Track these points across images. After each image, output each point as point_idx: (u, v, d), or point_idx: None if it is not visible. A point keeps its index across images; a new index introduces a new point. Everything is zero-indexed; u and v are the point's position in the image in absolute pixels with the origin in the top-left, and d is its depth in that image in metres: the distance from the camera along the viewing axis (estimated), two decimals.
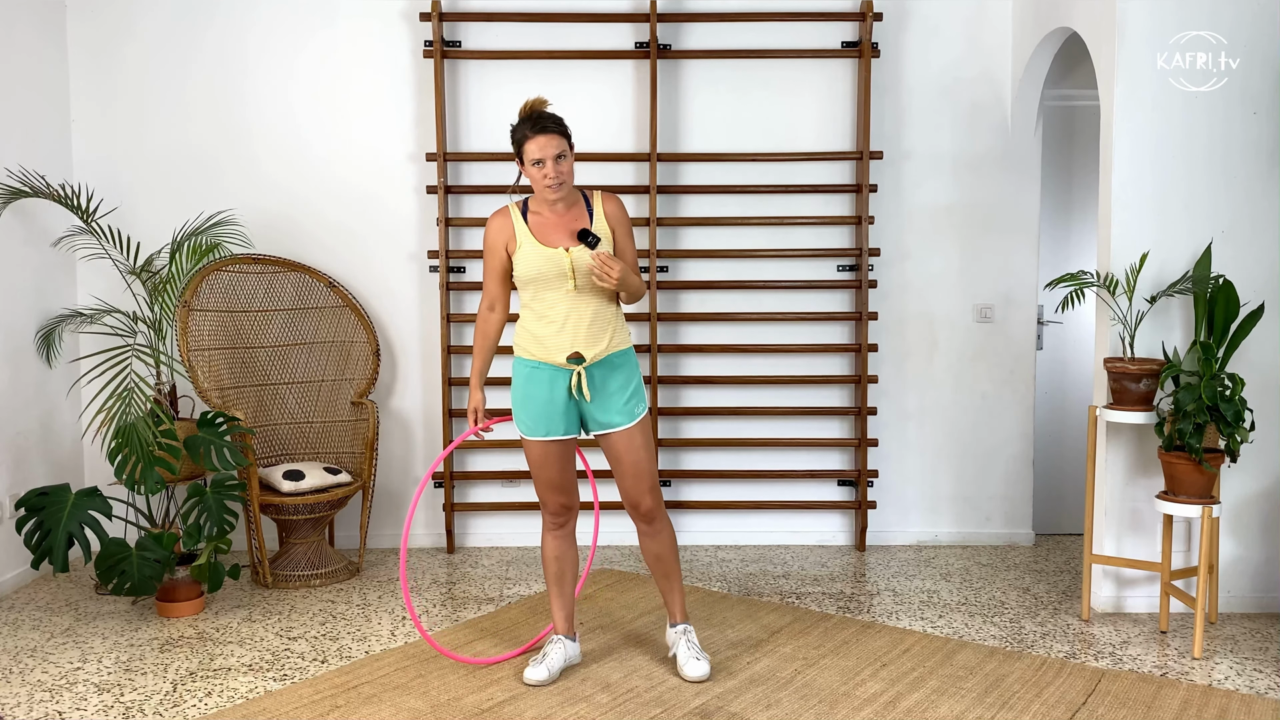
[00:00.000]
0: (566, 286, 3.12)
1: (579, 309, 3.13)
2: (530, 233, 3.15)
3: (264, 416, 4.58)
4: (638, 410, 3.21)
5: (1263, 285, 3.88)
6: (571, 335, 3.13)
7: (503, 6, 4.75)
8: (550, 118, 3.11)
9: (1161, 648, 3.66)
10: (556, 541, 3.34)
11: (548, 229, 3.15)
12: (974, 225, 4.87)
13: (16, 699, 3.24)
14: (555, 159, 3.07)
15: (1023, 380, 4.93)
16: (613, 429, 3.19)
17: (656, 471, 3.29)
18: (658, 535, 3.30)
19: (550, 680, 3.27)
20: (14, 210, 4.25)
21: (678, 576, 3.37)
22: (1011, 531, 4.98)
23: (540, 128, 3.07)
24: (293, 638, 3.76)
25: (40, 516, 3.81)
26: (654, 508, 3.27)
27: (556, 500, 3.28)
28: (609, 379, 3.18)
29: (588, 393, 3.14)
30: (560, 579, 3.36)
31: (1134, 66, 3.84)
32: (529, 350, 3.20)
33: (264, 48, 4.76)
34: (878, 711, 3.11)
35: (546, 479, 3.26)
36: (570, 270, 3.10)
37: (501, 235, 3.21)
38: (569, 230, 3.14)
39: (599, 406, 3.18)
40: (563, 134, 3.09)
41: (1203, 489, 3.62)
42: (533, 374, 3.19)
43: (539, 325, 3.16)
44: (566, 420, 3.20)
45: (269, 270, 4.67)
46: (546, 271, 3.12)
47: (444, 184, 4.69)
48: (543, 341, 3.16)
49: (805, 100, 4.83)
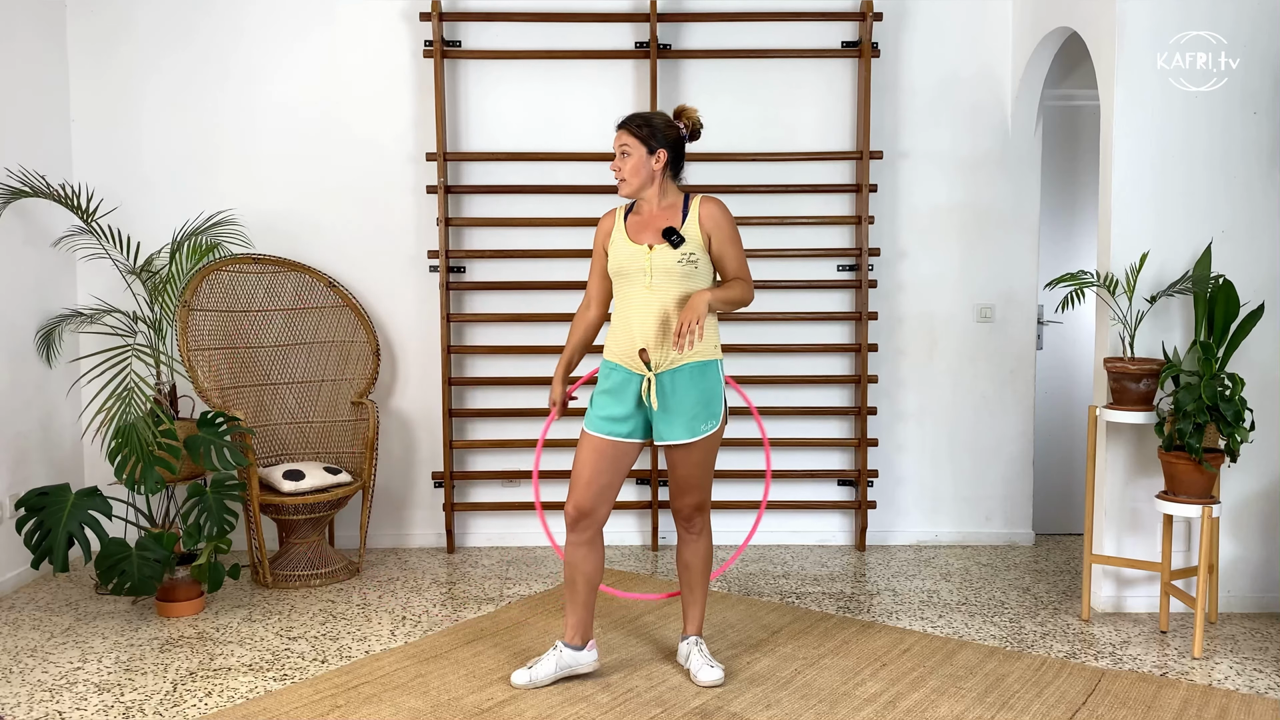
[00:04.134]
0: (644, 283, 3.12)
1: (651, 308, 3.12)
2: (624, 229, 3.20)
3: (264, 416, 4.58)
4: (703, 428, 3.15)
5: (1263, 285, 3.88)
6: (641, 333, 3.12)
7: (503, 6, 4.75)
8: (632, 115, 3.19)
9: (1161, 648, 3.66)
10: (572, 549, 3.23)
11: (640, 226, 3.19)
12: (974, 225, 4.87)
13: (16, 699, 3.24)
14: (620, 153, 3.15)
15: (1023, 380, 4.93)
16: (671, 442, 3.16)
17: (709, 487, 3.25)
18: (695, 543, 3.29)
19: (531, 686, 3.23)
20: (14, 210, 4.25)
21: (702, 590, 3.35)
22: (1011, 531, 4.98)
23: (619, 122, 3.19)
24: (293, 638, 3.76)
25: (40, 516, 3.81)
26: (694, 518, 3.26)
27: (577, 500, 3.18)
28: (681, 390, 3.13)
29: (654, 401, 3.11)
30: (572, 584, 3.25)
31: (1134, 66, 3.85)
32: (611, 350, 3.22)
33: (264, 48, 4.76)
34: (878, 711, 3.11)
35: (578, 473, 3.19)
36: (648, 267, 3.11)
37: (602, 232, 3.27)
38: (657, 229, 3.15)
39: (663, 417, 3.14)
40: (631, 131, 3.14)
41: (1203, 489, 3.62)
42: (610, 374, 3.21)
43: (618, 320, 3.19)
44: (631, 424, 3.17)
45: (269, 270, 4.67)
46: (627, 266, 3.14)
47: (444, 184, 4.69)
48: (619, 338, 3.18)
49: (805, 100, 4.83)
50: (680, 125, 3.19)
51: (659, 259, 3.11)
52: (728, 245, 3.18)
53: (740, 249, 3.21)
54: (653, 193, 3.18)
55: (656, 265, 3.10)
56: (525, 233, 4.81)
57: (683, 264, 3.10)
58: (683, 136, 3.19)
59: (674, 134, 3.17)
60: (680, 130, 3.19)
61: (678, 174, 3.23)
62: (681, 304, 3.12)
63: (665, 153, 3.14)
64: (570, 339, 3.36)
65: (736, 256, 3.19)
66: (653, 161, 3.14)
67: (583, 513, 3.18)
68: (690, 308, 3.03)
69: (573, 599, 3.27)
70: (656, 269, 3.10)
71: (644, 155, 3.13)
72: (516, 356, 4.82)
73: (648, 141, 3.13)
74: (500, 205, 4.82)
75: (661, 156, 3.14)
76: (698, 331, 3.01)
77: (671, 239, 3.11)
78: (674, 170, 3.20)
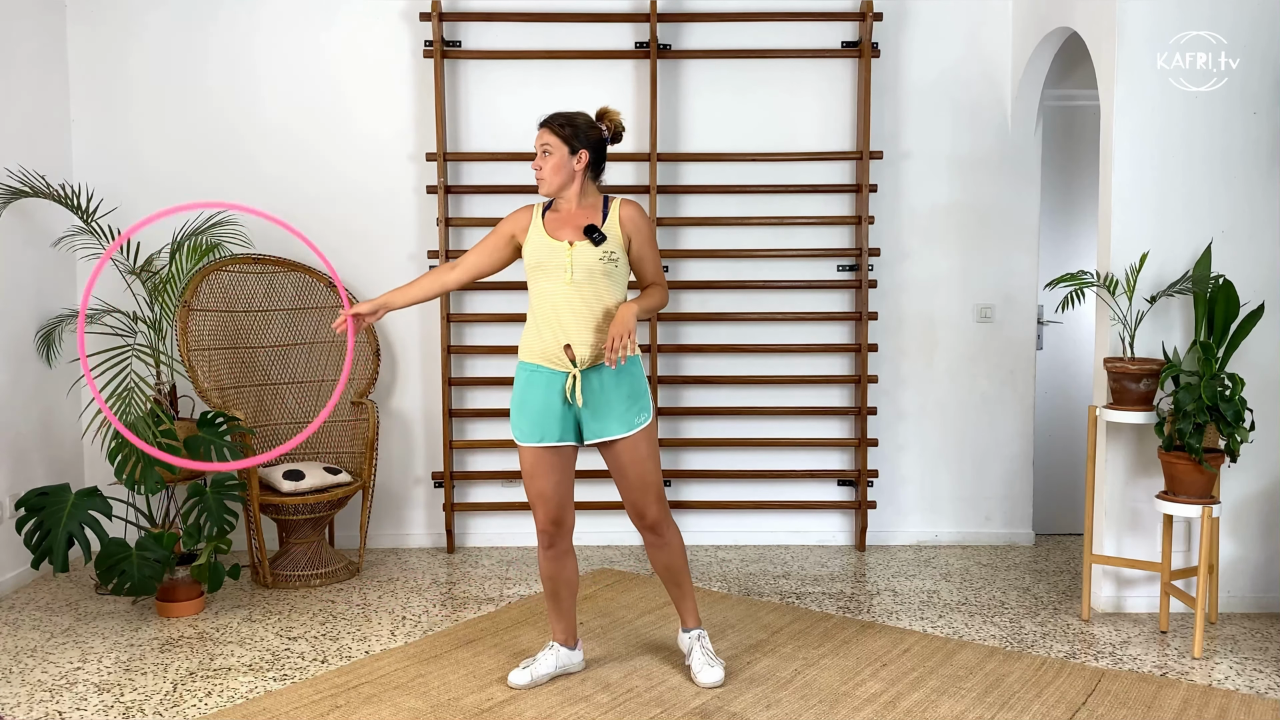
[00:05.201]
0: (564, 279, 3.12)
1: (573, 303, 3.12)
2: (543, 225, 3.20)
3: (264, 416, 4.58)
4: (638, 420, 3.16)
5: (1263, 285, 3.88)
6: (565, 328, 3.13)
7: (503, 6, 4.75)
8: (555, 114, 3.19)
9: (1161, 648, 3.66)
10: (548, 562, 3.25)
11: (559, 223, 3.19)
12: (974, 225, 4.87)
13: (16, 699, 3.24)
14: (541, 152, 3.15)
15: (1023, 380, 4.93)
16: (609, 438, 3.16)
17: (661, 481, 3.25)
18: (666, 546, 3.27)
19: (533, 685, 3.25)
20: (14, 210, 4.25)
21: (689, 583, 3.34)
22: (1011, 531, 4.98)
23: (541, 121, 3.19)
24: (293, 638, 3.76)
25: (40, 516, 3.81)
26: (660, 518, 3.24)
27: (545, 514, 3.20)
28: (608, 386, 3.15)
29: (579, 398, 3.12)
30: (555, 597, 3.29)
31: (1134, 66, 3.84)
32: (529, 351, 3.21)
33: (264, 47, 4.76)
34: (878, 711, 3.11)
35: (537, 490, 3.19)
36: (569, 263, 3.11)
37: (515, 223, 3.26)
38: (577, 226, 3.16)
39: (594, 414, 3.15)
40: (554, 130, 3.14)
41: (1203, 489, 3.62)
42: (531, 378, 3.19)
43: (536, 318, 3.18)
44: (561, 427, 3.16)
45: (269, 270, 4.67)
46: (547, 262, 3.14)
47: (444, 184, 4.69)
48: (540, 334, 3.16)
49: (805, 100, 4.83)
50: (603, 126, 3.20)
51: (580, 255, 3.12)
52: (646, 248, 3.22)
53: (658, 252, 3.26)
54: (573, 192, 3.18)
55: (578, 261, 3.11)
56: None
57: (604, 261, 3.12)
58: (605, 138, 3.21)
59: (596, 135, 3.18)
60: (603, 131, 3.20)
61: (598, 175, 3.24)
62: (607, 299, 3.14)
63: (587, 153, 3.16)
64: (416, 283, 3.30)
65: (653, 259, 3.25)
66: (574, 161, 3.15)
67: (556, 525, 3.22)
68: (620, 322, 3.05)
69: (557, 607, 3.31)
70: (578, 265, 3.11)
71: (565, 155, 3.14)
72: (516, 357, 4.81)
73: (570, 141, 3.14)
74: (500, 205, 4.81)
75: (583, 157, 3.16)
76: (629, 345, 3.05)
77: (593, 236, 3.12)
78: (595, 171, 3.22)
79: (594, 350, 3.14)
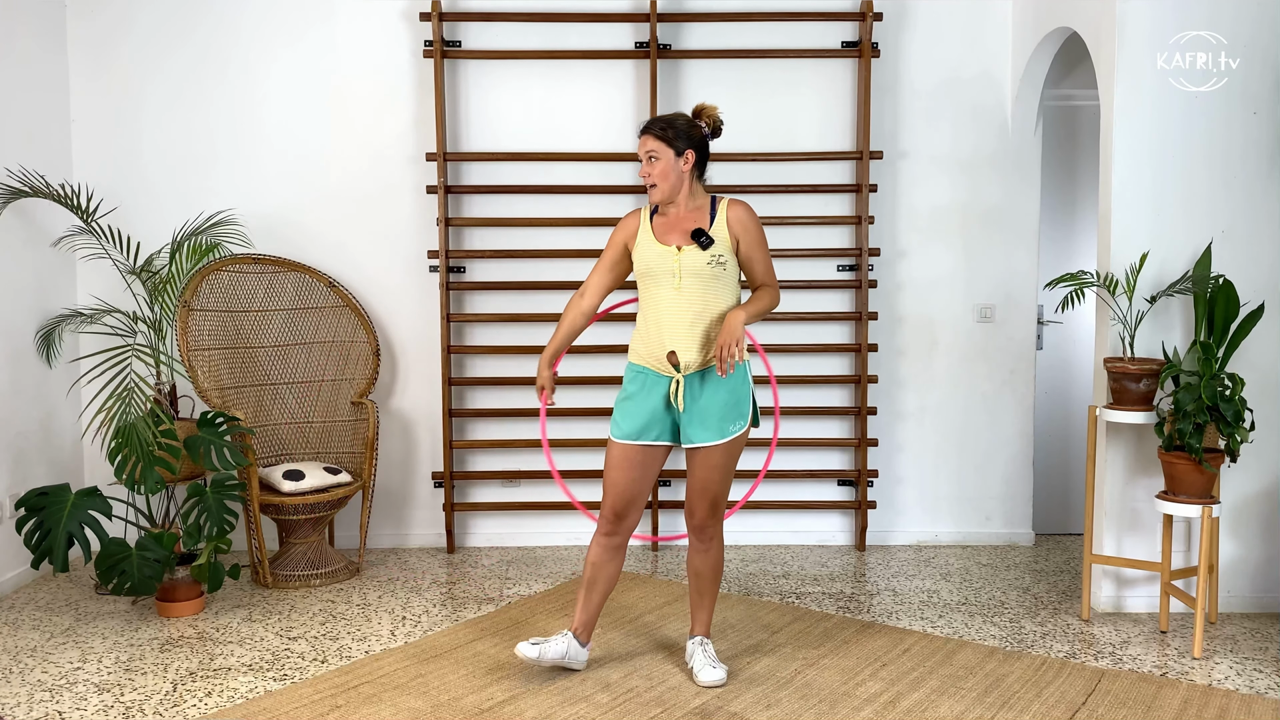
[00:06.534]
0: (672, 284, 3.12)
1: (680, 308, 3.11)
2: (651, 230, 3.19)
3: (264, 416, 4.58)
4: (731, 429, 3.14)
5: (1263, 285, 3.88)
6: (670, 334, 3.12)
7: (503, 6, 4.75)
8: (654, 119, 3.19)
9: (1161, 647, 3.66)
10: (599, 549, 3.25)
11: (667, 227, 3.18)
12: (974, 225, 4.87)
13: (16, 699, 3.24)
14: (647, 158, 3.15)
15: (1023, 380, 4.93)
16: (698, 444, 3.15)
17: (726, 492, 3.23)
18: (705, 553, 3.27)
19: (537, 662, 3.24)
20: (14, 210, 4.25)
21: (712, 596, 3.35)
22: (1011, 531, 4.98)
23: (642, 128, 3.18)
24: (293, 638, 3.76)
25: (40, 516, 3.81)
26: (707, 524, 3.24)
27: (612, 505, 3.20)
28: (709, 391, 3.13)
29: (681, 402, 3.11)
30: (591, 585, 3.27)
31: (1134, 66, 3.85)
32: (637, 353, 3.22)
33: (264, 48, 4.76)
34: (878, 711, 3.11)
35: (611, 480, 3.20)
36: (677, 268, 3.10)
37: (625, 231, 3.26)
38: (685, 231, 3.15)
39: (691, 419, 3.14)
40: (656, 135, 3.13)
41: (1203, 489, 3.62)
42: (636, 378, 3.20)
43: (645, 321, 3.18)
44: (658, 428, 3.17)
45: (269, 270, 4.67)
46: (655, 267, 3.14)
47: (444, 184, 4.69)
48: (647, 338, 3.17)
49: (805, 100, 4.84)
50: (702, 124, 3.19)
51: (688, 260, 3.11)
52: (756, 249, 3.18)
53: (767, 252, 3.22)
54: (682, 195, 3.17)
55: (685, 266, 3.10)
56: (525, 233, 4.81)
57: (711, 265, 3.11)
58: (706, 136, 3.19)
59: (698, 133, 3.17)
60: (703, 129, 3.18)
61: (703, 174, 3.22)
62: (716, 305, 3.13)
63: (693, 153, 3.14)
64: (561, 325, 3.35)
65: (764, 260, 3.20)
66: (681, 163, 3.14)
67: (619, 517, 3.22)
68: (728, 330, 3.04)
69: (588, 599, 3.29)
70: (685, 270, 3.10)
71: (672, 158, 3.13)
72: (516, 356, 4.82)
73: (674, 143, 3.13)
74: (500, 205, 4.82)
75: (689, 157, 3.14)
76: (737, 354, 3.03)
77: (701, 240, 3.11)
78: (700, 170, 3.20)
79: (699, 355, 3.12)
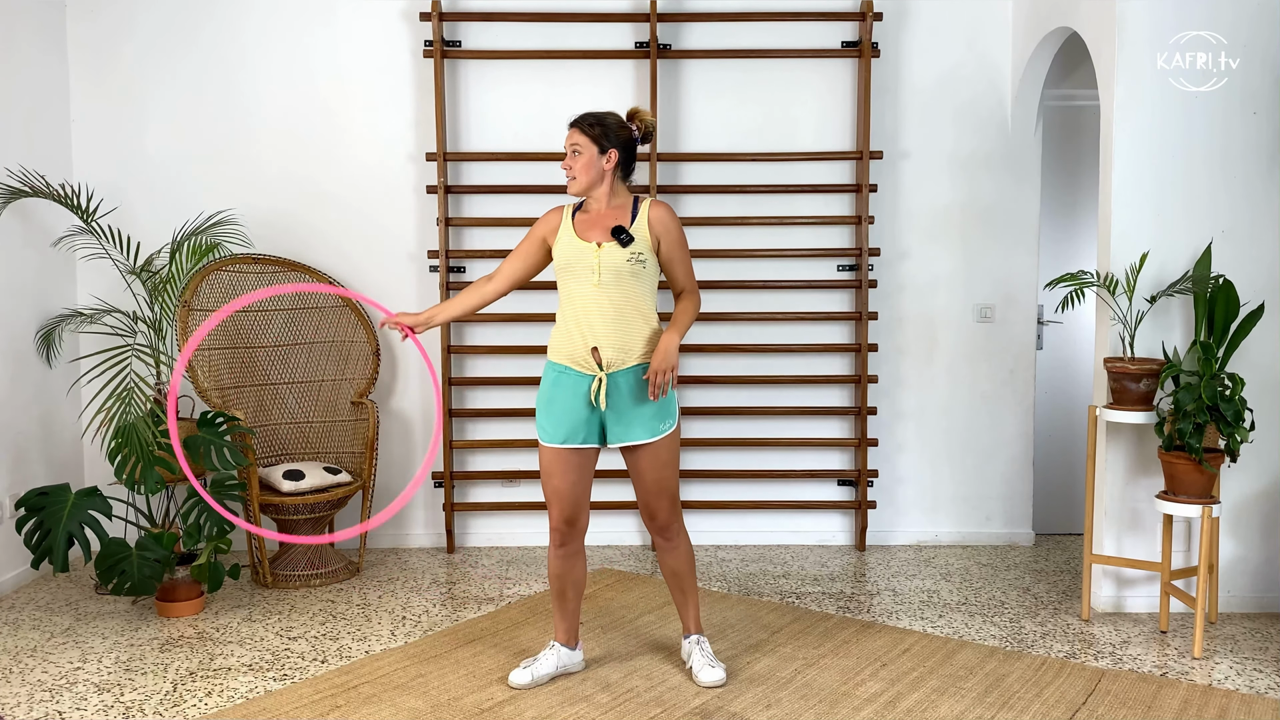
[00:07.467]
0: (592, 281, 3.12)
1: (601, 305, 3.12)
2: (572, 226, 3.21)
3: (264, 416, 4.58)
4: (663, 426, 3.16)
5: (1263, 285, 3.88)
6: (590, 331, 3.12)
7: (503, 6, 4.75)
8: (584, 114, 3.20)
9: (1161, 648, 3.66)
10: (558, 561, 3.26)
11: (588, 224, 3.20)
12: (974, 225, 4.87)
13: (16, 699, 3.24)
14: (571, 151, 3.16)
15: (1023, 380, 4.93)
16: (632, 443, 3.16)
17: (677, 486, 3.25)
18: (674, 550, 3.28)
19: (533, 685, 3.25)
20: (14, 210, 4.25)
21: (694, 590, 3.35)
22: (1011, 531, 4.98)
23: (571, 121, 3.20)
24: (293, 638, 3.76)
25: (40, 516, 3.81)
26: (670, 522, 3.24)
27: (560, 513, 3.21)
28: (636, 390, 3.14)
29: (603, 401, 3.11)
30: (562, 596, 3.30)
31: (1134, 66, 3.84)
32: (557, 351, 3.21)
33: (264, 47, 4.76)
34: (878, 711, 3.11)
35: (553, 488, 3.20)
36: (597, 264, 3.11)
37: (546, 225, 3.27)
38: (605, 227, 3.16)
39: (619, 417, 3.15)
40: (583, 130, 3.15)
41: (1203, 489, 3.62)
42: (559, 378, 3.19)
43: (565, 319, 3.18)
44: (586, 429, 3.16)
45: (269, 270, 4.67)
46: (574, 263, 3.14)
47: (444, 184, 4.69)
48: (568, 336, 3.16)
49: (805, 100, 4.83)
50: (633, 127, 3.21)
51: (607, 257, 3.11)
52: (676, 249, 3.20)
53: (688, 254, 3.24)
54: (602, 192, 3.19)
55: (605, 263, 3.11)
56: (525, 233, 4.79)
57: (631, 263, 3.11)
58: (635, 138, 3.21)
59: (626, 135, 3.18)
60: (633, 131, 3.20)
61: (628, 175, 3.25)
62: (636, 303, 3.13)
63: (616, 153, 3.16)
64: (459, 296, 3.33)
65: (684, 261, 3.22)
66: (603, 161, 3.16)
67: (570, 524, 3.22)
68: (663, 357, 3.07)
69: (563, 607, 3.31)
70: (605, 267, 3.11)
71: (595, 154, 3.15)
72: (516, 356, 4.82)
73: (599, 141, 3.15)
74: (500, 205, 4.82)
75: (612, 156, 3.16)
76: (672, 379, 3.08)
77: (620, 237, 3.12)
78: (624, 171, 3.22)
79: (621, 353, 3.13)
